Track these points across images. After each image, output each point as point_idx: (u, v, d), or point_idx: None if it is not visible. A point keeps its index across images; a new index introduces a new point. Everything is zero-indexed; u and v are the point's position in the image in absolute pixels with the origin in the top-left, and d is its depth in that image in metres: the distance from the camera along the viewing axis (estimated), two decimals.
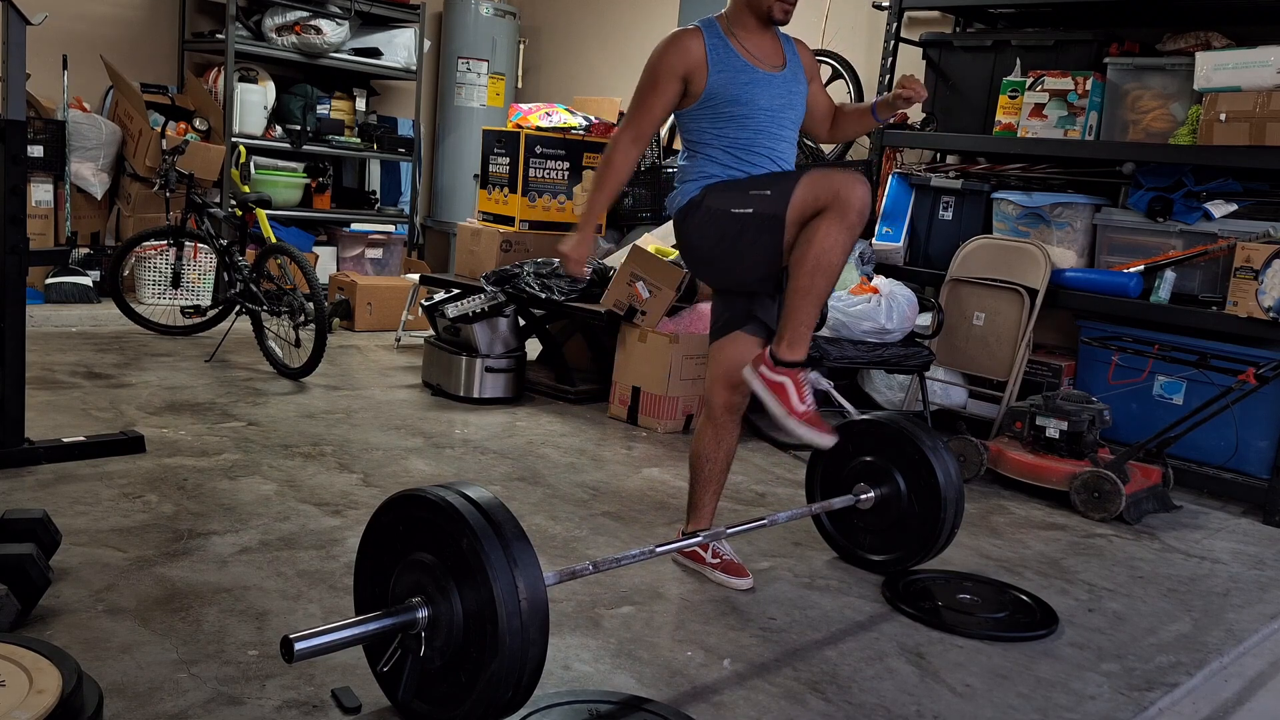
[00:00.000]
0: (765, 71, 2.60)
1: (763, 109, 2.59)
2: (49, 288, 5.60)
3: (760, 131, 2.60)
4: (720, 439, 2.78)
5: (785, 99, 2.65)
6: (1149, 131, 4.29)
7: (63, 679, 1.69)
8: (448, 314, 4.60)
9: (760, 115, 2.59)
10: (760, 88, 2.59)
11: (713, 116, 2.59)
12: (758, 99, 2.58)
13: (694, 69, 2.56)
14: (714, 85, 2.55)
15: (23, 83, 3.00)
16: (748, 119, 2.58)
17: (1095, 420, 3.82)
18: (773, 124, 2.62)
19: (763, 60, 2.61)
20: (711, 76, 2.55)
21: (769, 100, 2.60)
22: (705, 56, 2.55)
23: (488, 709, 1.77)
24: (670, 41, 2.59)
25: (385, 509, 1.95)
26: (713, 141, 2.61)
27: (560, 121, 5.41)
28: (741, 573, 2.76)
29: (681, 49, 2.56)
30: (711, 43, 2.57)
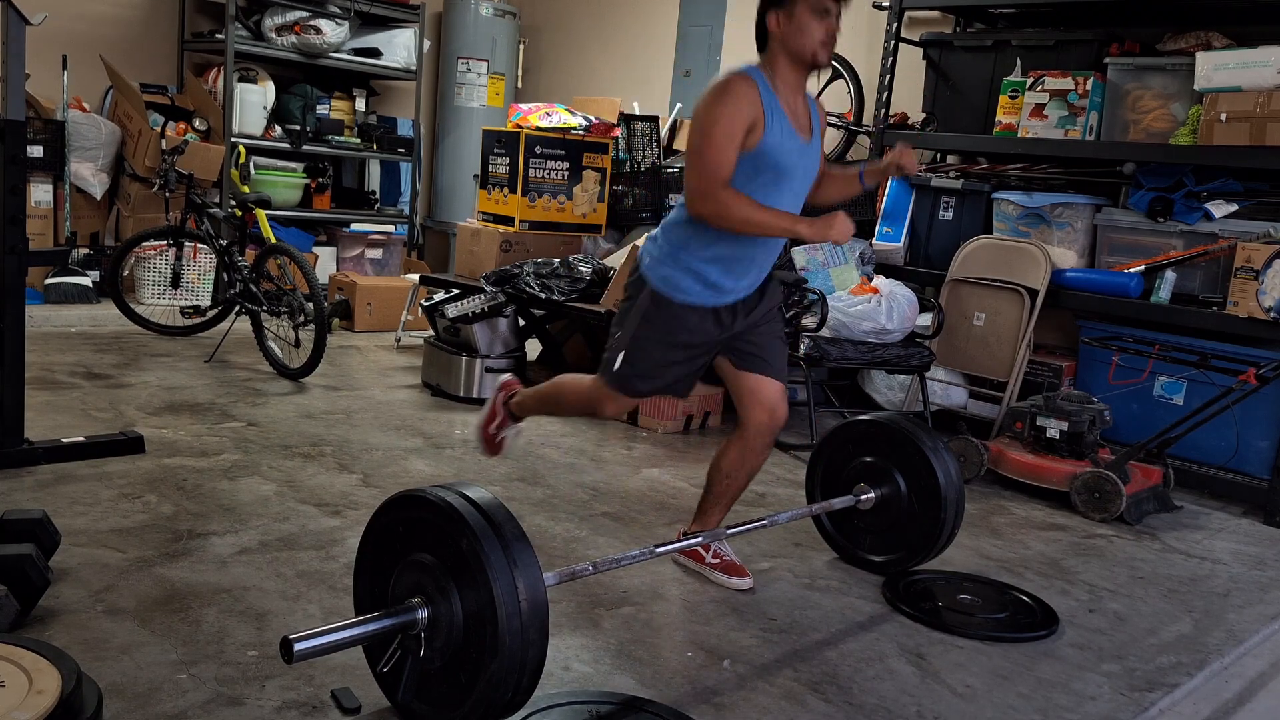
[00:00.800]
0: (802, 141, 2.49)
1: (795, 179, 2.49)
2: (48, 288, 5.59)
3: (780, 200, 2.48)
4: (745, 459, 2.72)
5: (808, 169, 2.55)
6: (1149, 131, 4.28)
7: (62, 679, 1.69)
8: (448, 314, 4.60)
9: (788, 187, 2.49)
10: (798, 156, 2.48)
11: (747, 175, 2.41)
12: (794, 168, 2.48)
13: (756, 120, 2.37)
14: (767, 145, 2.39)
15: (22, 83, 3.00)
16: (775, 186, 2.45)
17: (1096, 420, 3.81)
18: (791, 192, 2.51)
19: (801, 127, 2.49)
20: (767, 135, 2.39)
21: (802, 174, 2.51)
22: (763, 110, 2.38)
23: (487, 709, 1.77)
24: (734, 92, 2.37)
25: (385, 509, 1.94)
26: None
27: (560, 122, 5.41)
28: (741, 573, 2.76)
29: (747, 99, 2.36)
30: (766, 98, 2.40)
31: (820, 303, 4.21)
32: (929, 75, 5.07)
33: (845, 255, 4.70)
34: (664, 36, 6.90)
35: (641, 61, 7.01)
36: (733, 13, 6.52)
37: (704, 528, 2.81)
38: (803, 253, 4.69)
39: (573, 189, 5.28)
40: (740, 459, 2.72)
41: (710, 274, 2.50)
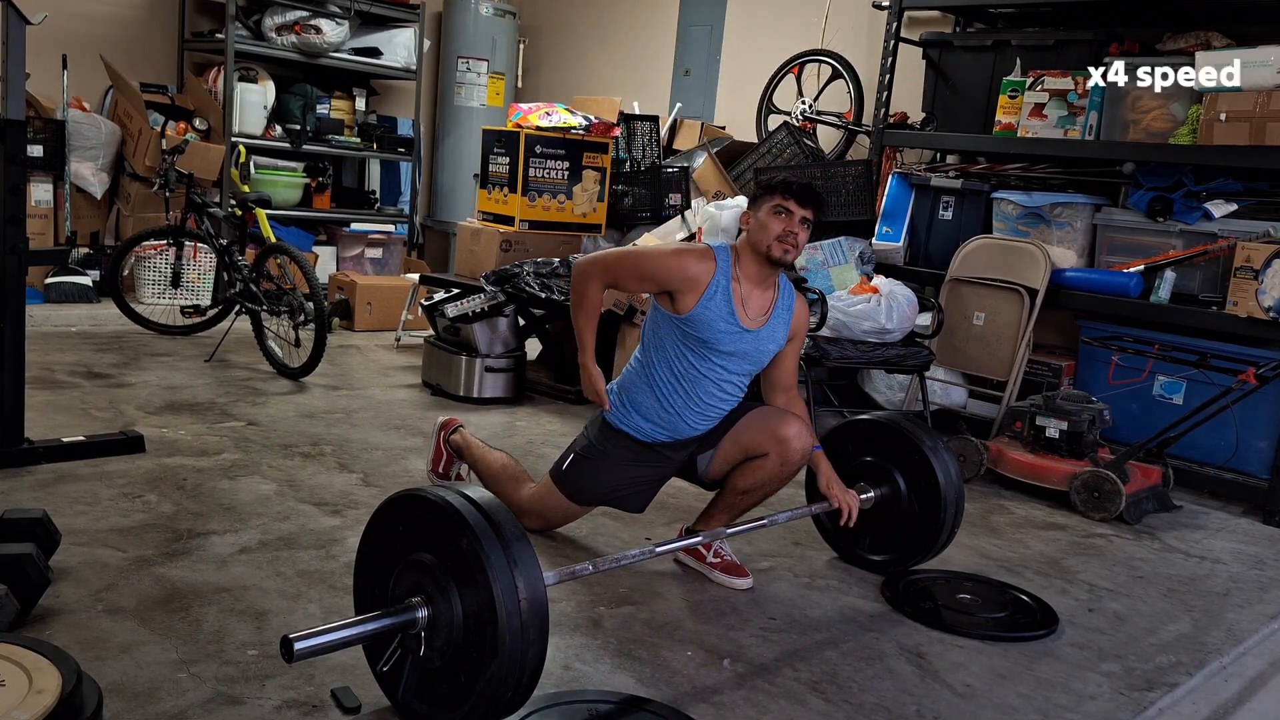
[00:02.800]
0: (743, 326, 2.67)
1: (722, 354, 2.67)
2: (49, 287, 5.59)
3: (709, 374, 2.68)
4: (765, 483, 2.75)
5: (749, 351, 2.70)
6: (1149, 131, 4.28)
7: (62, 679, 1.69)
8: (447, 314, 4.60)
9: (716, 359, 2.67)
10: (730, 337, 2.66)
11: (679, 337, 2.67)
12: (723, 345, 2.66)
13: (687, 290, 2.62)
14: (695, 315, 2.63)
15: (22, 82, 3.00)
16: (705, 358, 2.67)
17: (1095, 420, 3.82)
18: (724, 369, 2.69)
19: (748, 312, 2.68)
20: (698, 307, 2.62)
21: (732, 348, 2.67)
22: (704, 289, 2.62)
23: (487, 709, 1.77)
24: (680, 256, 2.64)
25: (385, 509, 1.95)
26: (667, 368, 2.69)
27: (560, 121, 5.41)
28: (741, 573, 2.77)
29: (686, 270, 2.62)
30: (717, 278, 2.63)
31: (820, 302, 4.21)
32: (929, 75, 5.07)
33: (845, 255, 4.70)
34: (664, 36, 6.90)
35: (641, 61, 7.01)
36: (732, 12, 6.52)
37: (704, 526, 2.82)
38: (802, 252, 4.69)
39: (573, 188, 5.28)
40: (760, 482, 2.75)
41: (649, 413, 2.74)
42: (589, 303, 2.74)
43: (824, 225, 4.78)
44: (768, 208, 2.64)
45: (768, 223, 2.63)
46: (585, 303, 2.74)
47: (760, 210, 2.66)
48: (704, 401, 2.71)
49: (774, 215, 2.62)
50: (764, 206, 2.65)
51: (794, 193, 2.63)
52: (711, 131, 6.02)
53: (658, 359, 2.72)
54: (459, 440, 3.25)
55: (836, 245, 4.71)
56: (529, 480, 2.99)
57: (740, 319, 2.66)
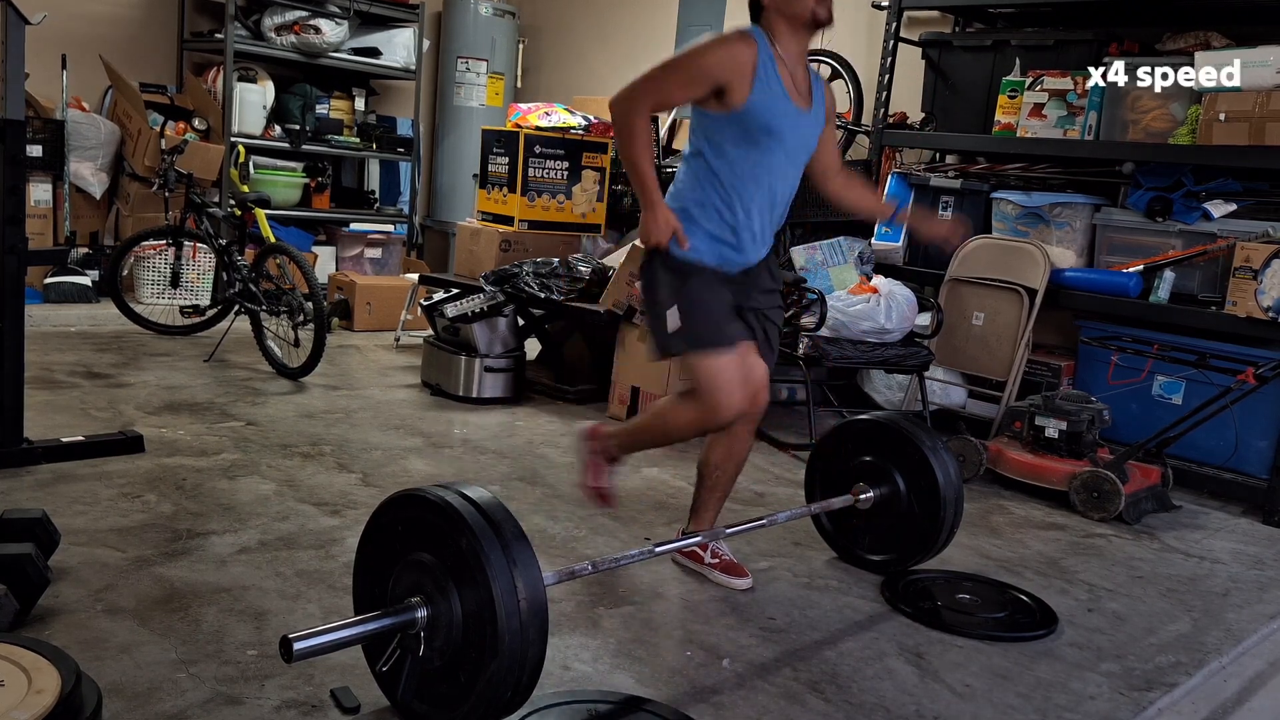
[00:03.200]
0: (798, 108, 2.51)
1: (787, 147, 2.52)
2: (48, 287, 5.59)
3: (776, 169, 2.53)
4: (732, 449, 2.75)
5: (805, 138, 2.57)
6: (1148, 131, 4.28)
7: (61, 679, 1.69)
8: (447, 314, 4.60)
9: (780, 149, 2.51)
10: (791, 123, 2.50)
11: (740, 135, 2.47)
12: (785, 131, 2.49)
13: (737, 80, 2.41)
14: (753, 105, 2.43)
15: (22, 82, 2.99)
16: (770, 150, 2.49)
17: (1094, 420, 3.82)
18: (789, 163, 2.55)
19: (799, 94, 2.51)
20: (754, 95, 2.42)
21: (793, 134, 2.52)
22: (753, 73, 2.42)
23: (487, 709, 1.77)
24: (724, 43, 2.42)
25: (384, 509, 1.95)
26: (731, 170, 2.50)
27: (559, 121, 5.41)
28: (741, 572, 2.76)
29: (733, 57, 2.40)
30: (763, 58, 2.44)
31: (819, 302, 4.20)
32: (928, 75, 5.07)
33: (844, 255, 4.70)
34: (664, 36, 6.89)
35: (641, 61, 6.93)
36: (732, 12, 6.52)
37: (700, 526, 2.81)
38: (802, 252, 4.69)
39: (572, 188, 5.28)
40: (728, 450, 2.74)
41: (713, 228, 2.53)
42: (640, 134, 2.47)
43: (824, 225, 4.79)
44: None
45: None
46: (636, 135, 2.46)
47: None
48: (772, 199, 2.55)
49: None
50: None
51: None
52: None
53: (719, 165, 2.49)
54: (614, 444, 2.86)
55: (836, 245, 4.71)
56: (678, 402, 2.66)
57: (794, 100, 2.48)
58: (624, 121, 2.48)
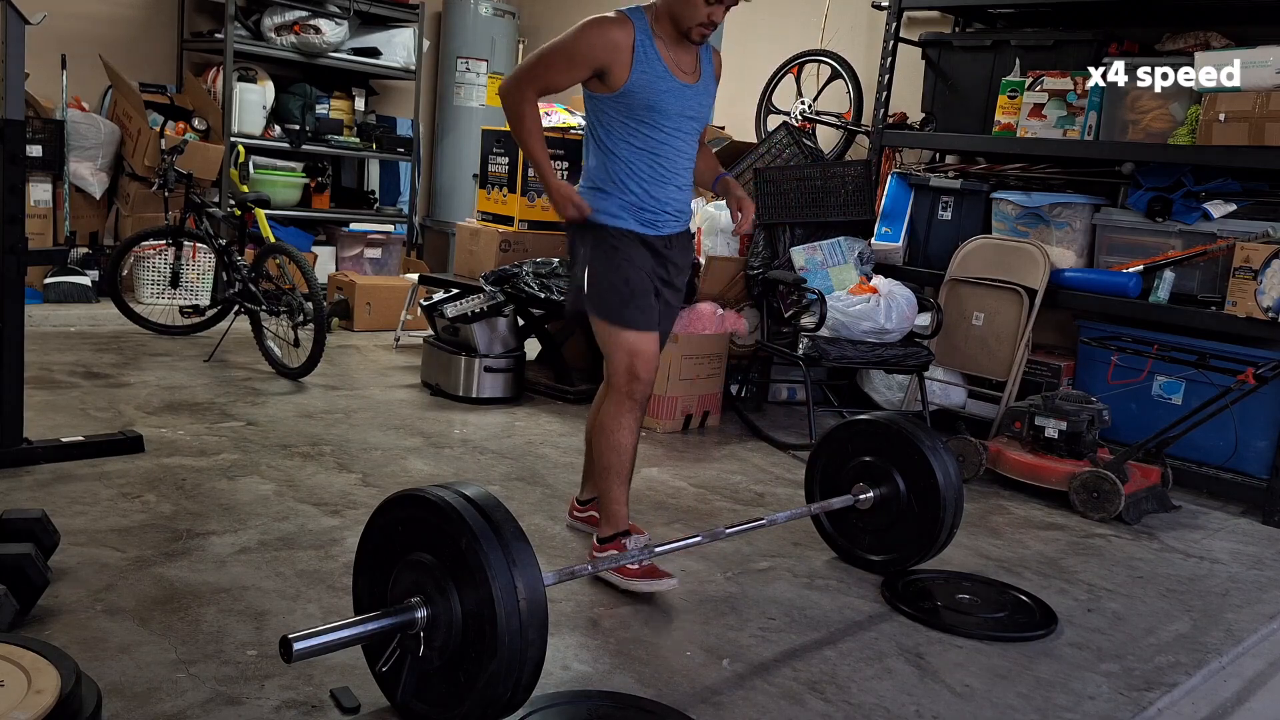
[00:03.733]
0: (681, 81, 2.61)
1: (672, 116, 2.62)
2: (48, 287, 5.59)
3: (668, 141, 2.63)
4: (637, 426, 2.70)
5: (695, 110, 2.67)
6: (1148, 131, 4.28)
7: (61, 679, 1.69)
8: (447, 314, 4.60)
9: (669, 124, 2.62)
10: (674, 97, 2.60)
11: (627, 114, 2.59)
12: (670, 106, 2.60)
13: (616, 62, 2.53)
14: (634, 84, 2.55)
15: (21, 82, 2.99)
16: (658, 126, 2.60)
17: (1094, 420, 3.82)
18: (679, 132, 2.65)
19: (681, 69, 2.62)
20: (634, 75, 2.54)
21: (679, 109, 2.62)
22: (631, 55, 2.54)
23: (487, 709, 1.77)
24: (599, 27, 2.54)
25: (384, 509, 1.95)
26: (624, 139, 2.62)
27: (559, 121, 5.41)
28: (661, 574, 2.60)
29: (609, 40, 2.52)
30: (640, 39, 2.55)
31: (819, 302, 4.21)
32: (928, 75, 5.06)
33: (844, 255, 4.70)
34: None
35: None
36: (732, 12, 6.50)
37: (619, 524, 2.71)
38: (801, 252, 4.69)
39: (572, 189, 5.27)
40: None
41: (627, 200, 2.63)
42: (529, 119, 2.62)
43: (824, 225, 4.79)
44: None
45: (696, 2, 2.52)
46: (525, 120, 2.62)
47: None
48: (673, 169, 2.65)
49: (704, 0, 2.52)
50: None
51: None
52: (710, 131, 6.01)
53: (614, 144, 2.63)
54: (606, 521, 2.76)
55: (836, 245, 4.71)
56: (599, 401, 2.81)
57: (674, 73, 2.59)
58: (512, 108, 2.62)
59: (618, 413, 2.65)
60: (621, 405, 2.64)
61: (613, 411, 2.66)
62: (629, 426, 2.66)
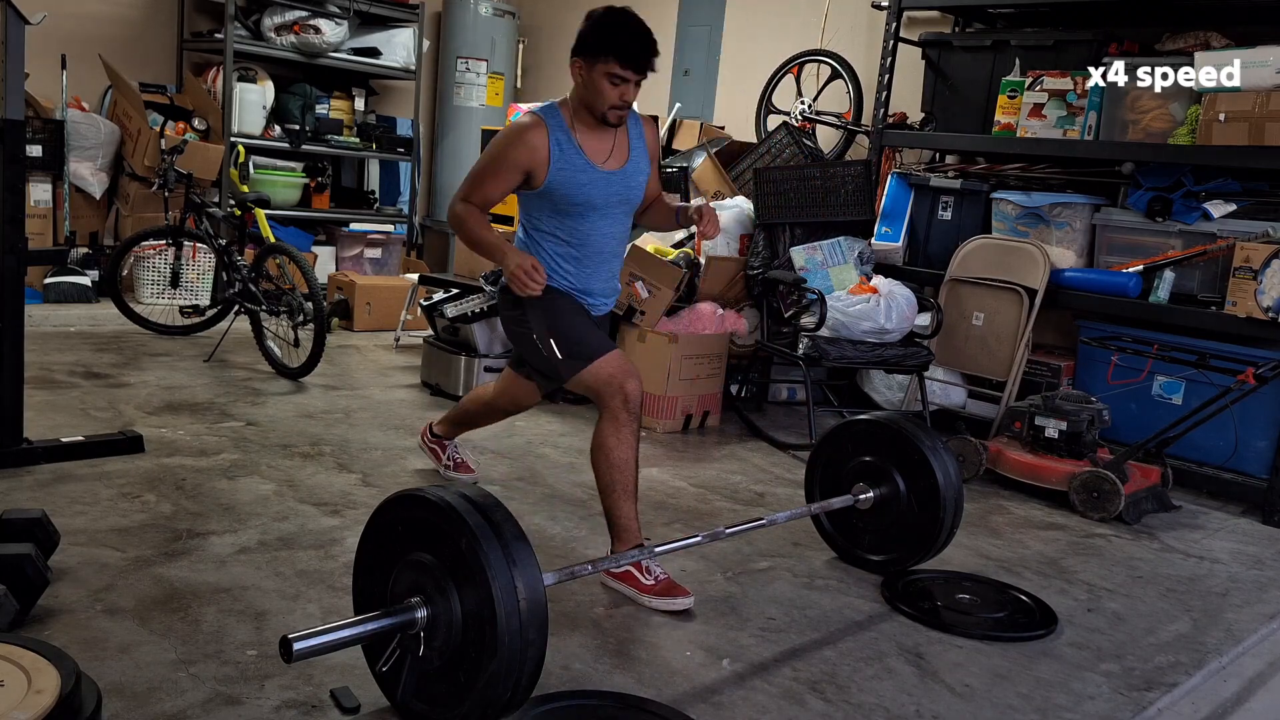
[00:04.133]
0: (603, 171, 2.66)
1: (598, 206, 2.68)
2: (47, 287, 5.59)
3: (594, 230, 2.71)
4: (636, 439, 2.68)
5: (621, 194, 2.72)
6: (1148, 131, 4.28)
7: (61, 679, 1.69)
8: (447, 314, 4.60)
9: (594, 213, 2.69)
10: (597, 187, 2.66)
11: (551, 208, 2.68)
12: (593, 198, 2.66)
13: (536, 166, 2.62)
14: (553, 183, 2.62)
15: (21, 82, 2.99)
16: (583, 216, 2.68)
17: (1094, 420, 3.82)
18: (606, 219, 2.72)
19: (602, 157, 2.67)
20: (551, 174, 2.62)
21: (604, 198, 2.68)
22: (548, 154, 2.61)
23: (487, 709, 1.77)
24: (516, 137, 2.62)
25: (384, 509, 1.95)
26: (550, 231, 2.72)
27: None
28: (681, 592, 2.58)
29: (527, 146, 2.60)
30: (555, 138, 2.61)
31: (819, 302, 4.21)
32: (928, 75, 5.07)
33: (844, 255, 4.70)
34: (663, 36, 6.85)
35: None
36: (732, 13, 6.52)
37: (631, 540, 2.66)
38: (801, 252, 4.69)
39: None
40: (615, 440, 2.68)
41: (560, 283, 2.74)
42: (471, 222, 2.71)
43: (824, 225, 4.80)
44: (601, 70, 2.55)
45: (600, 87, 2.56)
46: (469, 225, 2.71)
47: (593, 71, 2.57)
48: (600, 256, 2.73)
49: (608, 82, 2.55)
50: (597, 65, 2.55)
51: (631, 60, 2.53)
52: (710, 131, 6.02)
53: (541, 238, 2.73)
54: (441, 429, 3.41)
55: (835, 245, 4.71)
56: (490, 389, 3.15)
57: (594, 163, 2.64)
58: (459, 227, 2.74)
59: (616, 429, 2.66)
60: (618, 420, 2.65)
61: (611, 429, 2.66)
62: (628, 441, 2.66)
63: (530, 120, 2.64)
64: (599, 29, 2.59)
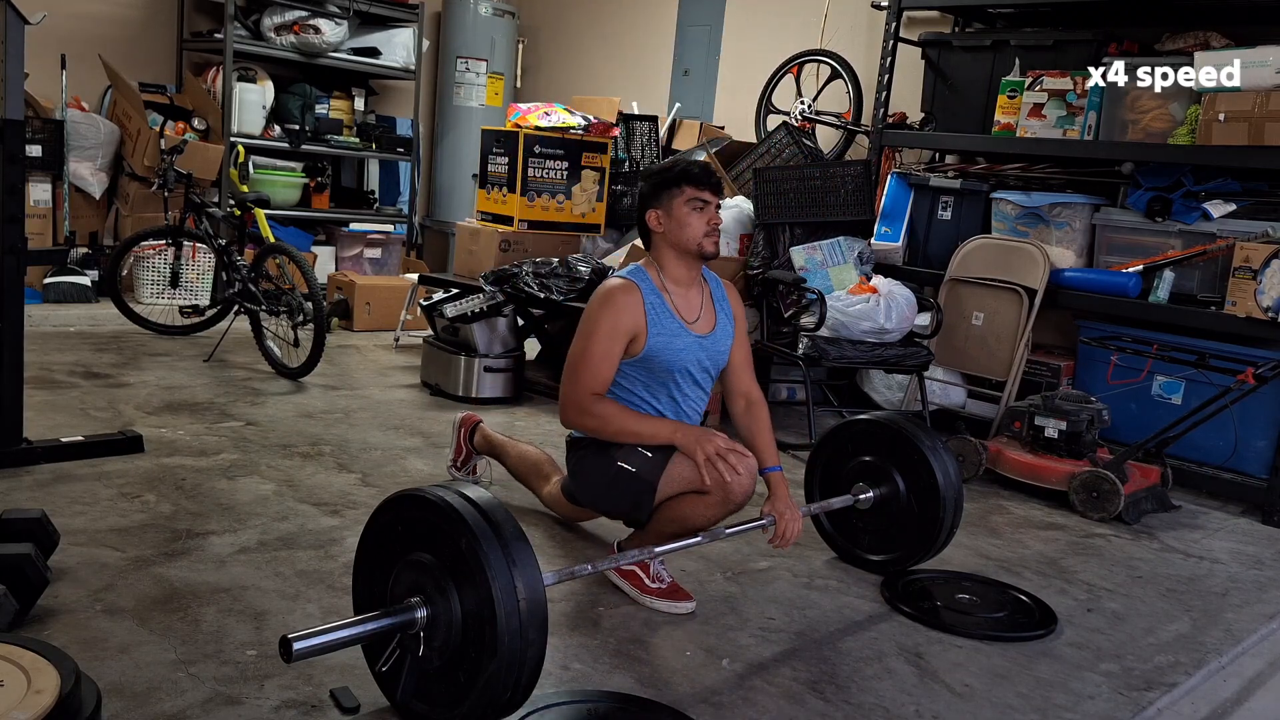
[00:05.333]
0: (696, 335, 2.58)
1: (690, 372, 2.60)
2: (47, 287, 5.59)
3: (683, 395, 2.62)
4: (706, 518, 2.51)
5: (712, 357, 2.64)
6: (1148, 131, 4.29)
7: (61, 679, 1.69)
8: (446, 314, 4.60)
9: (686, 378, 2.60)
10: (691, 353, 2.57)
11: (646, 373, 2.57)
12: (688, 363, 2.57)
13: (639, 330, 2.50)
14: (652, 348, 2.52)
15: (21, 82, 2.99)
16: (676, 382, 2.59)
17: (1094, 420, 3.82)
18: (693, 385, 2.64)
19: (694, 319, 2.59)
20: (651, 339, 2.51)
21: (697, 363, 2.60)
22: (645, 318, 2.50)
23: (486, 709, 1.77)
24: (614, 304, 2.49)
25: (384, 509, 1.95)
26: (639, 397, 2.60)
27: (559, 121, 5.41)
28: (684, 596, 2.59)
29: (629, 312, 2.49)
30: (650, 301, 2.52)
31: (819, 302, 4.21)
32: (928, 75, 5.07)
33: (844, 255, 4.70)
34: (663, 36, 6.90)
35: (640, 61, 7.01)
36: (731, 12, 6.52)
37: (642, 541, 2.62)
38: (801, 252, 4.69)
39: (572, 188, 5.28)
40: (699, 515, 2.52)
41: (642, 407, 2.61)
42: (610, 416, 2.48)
43: (824, 225, 4.80)
44: (680, 203, 2.52)
45: (687, 220, 2.51)
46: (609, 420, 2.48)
47: (672, 208, 2.53)
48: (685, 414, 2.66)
49: (693, 210, 2.51)
50: (674, 202, 2.53)
51: (704, 181, 2.51)
52: (710, 131, 6.02)
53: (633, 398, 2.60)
54: (480, 440, 3.26)
55: (835, 245, 4.71)
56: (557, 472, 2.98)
57: (690, 327, 2.57)
58: (591, 425, 2.51)
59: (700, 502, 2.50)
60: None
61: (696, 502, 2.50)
62: None
63: (620, 283, 2.52)
64: (660, 172, 2.59)
